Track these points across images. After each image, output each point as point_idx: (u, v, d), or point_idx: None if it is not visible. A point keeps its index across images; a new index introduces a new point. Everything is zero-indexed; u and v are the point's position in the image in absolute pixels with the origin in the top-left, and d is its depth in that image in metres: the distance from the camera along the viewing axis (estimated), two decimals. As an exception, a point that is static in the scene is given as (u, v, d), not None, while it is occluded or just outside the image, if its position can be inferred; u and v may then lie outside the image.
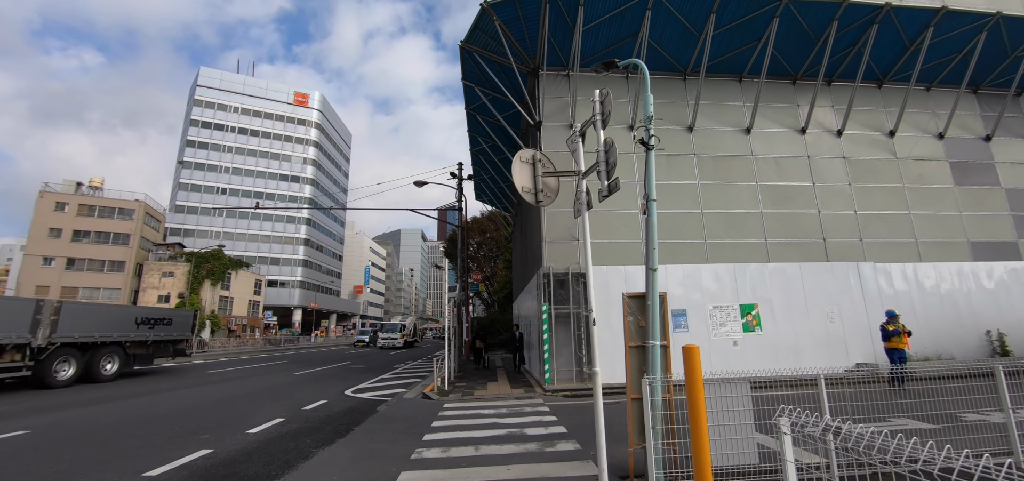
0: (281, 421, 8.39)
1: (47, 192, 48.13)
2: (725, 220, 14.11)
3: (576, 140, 4.92)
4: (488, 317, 41.73)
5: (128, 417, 8.71)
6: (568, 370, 12.76)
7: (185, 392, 12.20)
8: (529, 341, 15.01)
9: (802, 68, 15.52)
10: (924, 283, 14.47)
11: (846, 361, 13.41)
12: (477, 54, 14.54)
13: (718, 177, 14.48)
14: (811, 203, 14.73)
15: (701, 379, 3.33)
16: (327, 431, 7.59)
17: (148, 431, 7.54)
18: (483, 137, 20.05)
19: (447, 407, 9.78)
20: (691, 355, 3.42)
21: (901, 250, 14.77)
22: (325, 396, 11.50)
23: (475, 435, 7.09)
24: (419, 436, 7.10)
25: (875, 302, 13.97)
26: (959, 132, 16.31)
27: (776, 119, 15.42)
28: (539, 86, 14.43)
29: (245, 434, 7.37)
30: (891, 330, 10.81)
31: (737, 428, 4.42)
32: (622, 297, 4.88)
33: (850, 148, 15.54)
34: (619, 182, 4.40)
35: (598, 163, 4.50)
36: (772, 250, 14.09)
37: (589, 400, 10.50)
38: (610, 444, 6.11)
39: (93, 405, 10.04)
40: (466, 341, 22.18)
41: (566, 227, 13.50)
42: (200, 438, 7.09)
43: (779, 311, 13.44)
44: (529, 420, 8.20)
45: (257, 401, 10.67)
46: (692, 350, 3.44)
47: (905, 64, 15.71)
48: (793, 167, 15.01)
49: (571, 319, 12.92)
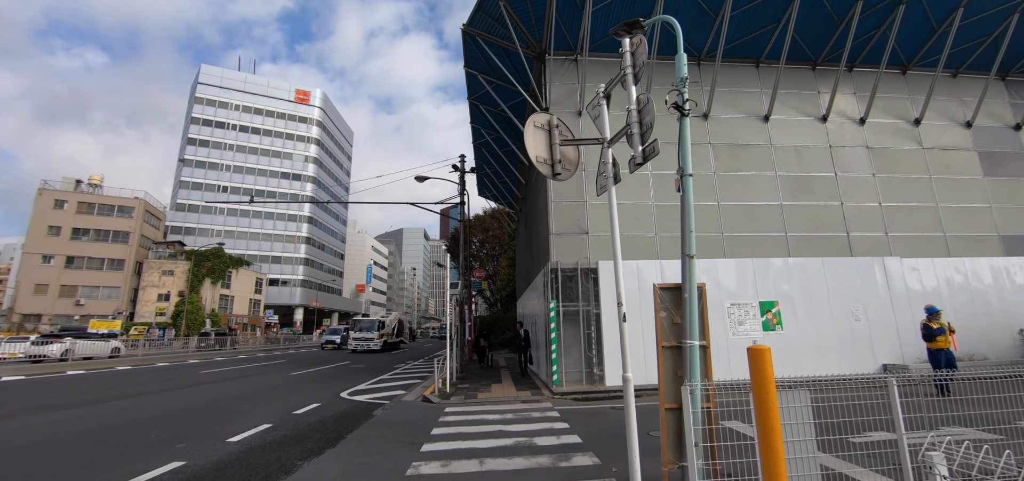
0: (268, 427, 7.69)
1: (46, 190, 47.69)
2: (743, 212, 13.33)
3: (599, 103, 4.18)
4: (491, 316, 41.06)
5: (104, 423, 8.02)
6: (577, 371, 12.02)
7: (174, 393, 11.53)
8: (536, 340, 14.22)
9: (823, 53, 14.72)
10: (954, 279, 13.64)
11: (872, 362, 12.63)
12: (480, 38, 13.81)
13: (735, 167, 13.70)
14: (833, 194, 13.93)
15: (774, 388, 2.60)
16: (316, 440, 6.88)
17: (120, 438, 6.85)
18: (486, 129, 19.31)
19: (449, 412, 9.06)
20: (760, 358, 2.69)
21: (928, 244, 13.95)
22: (319, 399, 10.80)
23: (479, 446, 6.36)
24: (417, 446, 6.39)
25: (902, 299, 13.17)
26: (987, 121, 15.47)
27: (795, 106, 14.62)
28: (546, 71, 13.68)
29: (225, 443, 6.67)
30: (934, 329, 9.66)
31: (795, 445, 3.68)
32: (653, 290, 4.14)
33: (873, 137, 14.72)
34: (658, 146, 3.65)
35: (629, 126, 3.76)
36: (793, 244, 13.31)
37: (601, 404, 9.76)
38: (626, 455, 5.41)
39: (72, 407, 9.38)
40: (469, 340, 21.47)
41: (574, 219, 12.75)
42: (175, 448, 6.39)
43: (801, 309, 12.66)
44: (538, 427, 7.47)
45: (246, 404, 9.98)
46: (761, 352, 2.72)
47: (932, 49, 14.88)
48: (814, 157, 14.21)
49: (580, 317, 12.18)
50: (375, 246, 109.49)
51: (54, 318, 44.49)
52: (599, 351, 11.89)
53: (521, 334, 14.05)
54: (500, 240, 43.91)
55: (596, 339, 12.00)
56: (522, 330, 14.07)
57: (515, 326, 26.28)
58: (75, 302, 46.04)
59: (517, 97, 15.97)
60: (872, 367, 12.58)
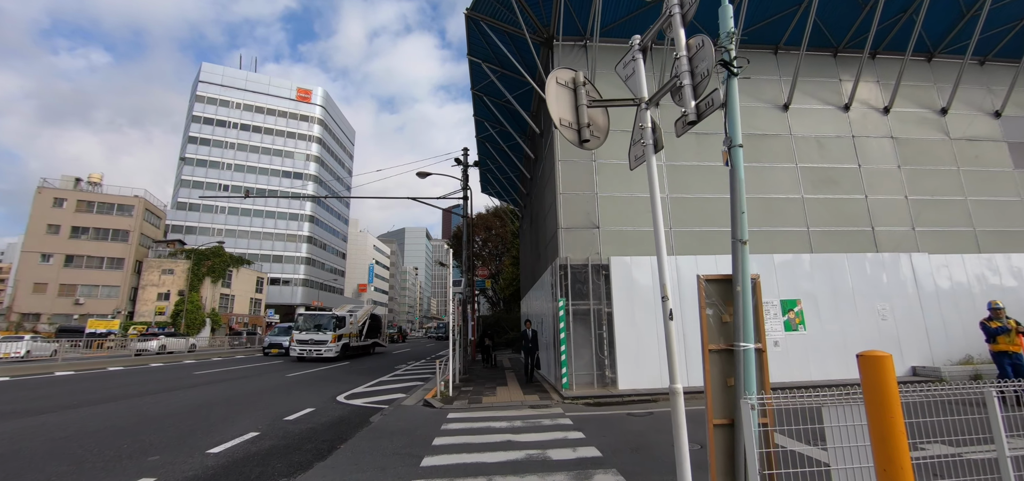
0: (254, 436, 7.03)
1: (45, 188, 47.25)
2: (762, 206, 12.61)
3: (634, 58, 3.50)
4: (494, 316, 40.40)
5: (78, 430, 7.39)
6: (587, 374, 11.33)
7: (161, 397, 10.89)
8: (544, 341, 13.45)
9: (845, 38, 13.98)
10: (986, 277, 12.90)
11: (900, 365, 11.89)
12: (485, 23, 13.14)
13: (753, 158, 12.97)
14: (857, 187, 13.20)
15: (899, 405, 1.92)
16: (305, 451, 6.22)
17: (87, 450, 6.20)
18: (490, 121, 18.64)
19: (452, 418, 8.39)
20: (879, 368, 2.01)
21: (957, 240, 13.21)
22: (314, 403, 10.14)
23: (487, 460, 5.68)
24: (416, 460, 5.71)
25: (931, 298, 12.44)
26: (1018, 110, 14.69)
27: (816, 94, 13.89)
28: (553, 58, 13.00)
29: (205, 454, 6.02)
30: (995, 328, 8.24)
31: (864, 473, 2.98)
32: (698, 282, 3.46)
33: (898, 127, 13.97)
34: (721, 95, 2.97)
35: (677, 77, 3.07)
36: (815, 239, 12.58)
37: (615, 410, 9.08)
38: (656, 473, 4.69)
39: (46, 413, 8.75)
40: (472, 340, 20.81)
41: (585, 213, 12.06)
42: (147, 460, 5.74)
43: (824, 308, 11.93)
44: (550, 437, 6.79)
45: (235, 408, 9.33)
46: (879, 359, 2.04)
47: (959, 34, 14.14)
48: (836, 147, 13.48)
49: (591, 316, 11.48)
50: (377, 245, 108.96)
51: (53, 317, 44.05)
52: (611, 353, 11.20)
53: (529, 334, 13.01)
54: (503, 239, 43.25)
55: (608, 340, 11.31)
56: (530, 330, 13.05)
57: (518, 326, 25.54)
58: (74, 301, 45.59)
59: (523, 87, 15.30)
60: (901, 370, 11.85)
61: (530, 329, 12.99)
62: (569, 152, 12.37)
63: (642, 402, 9.78)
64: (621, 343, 11.08)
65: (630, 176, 12.46)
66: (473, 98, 17.67)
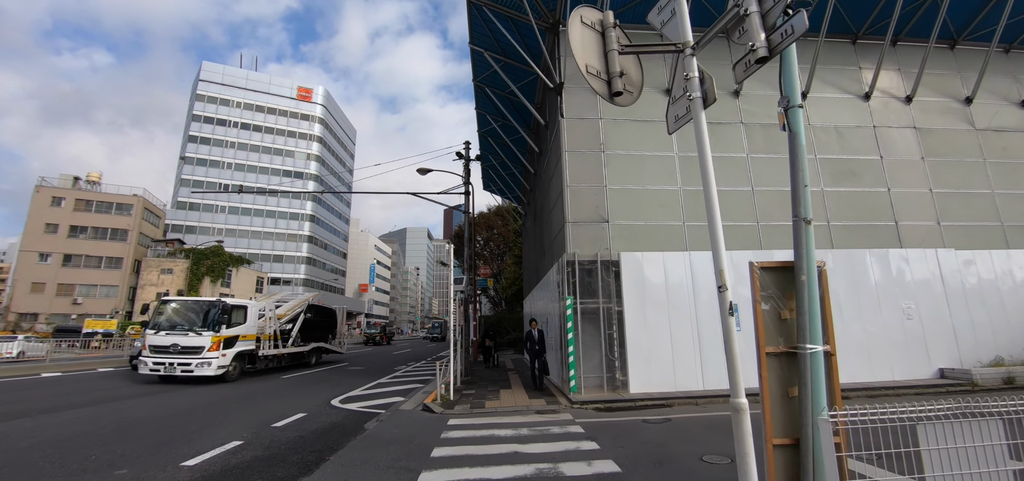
0: (236, 445, 6.43)
1: (43, 186, 46.84)
2: (780, 199, 11.97)
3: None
4: (495, 315, 39.78)
5: (49, 437, 6.80)
6: (597, 377, 10.70)
7: (147, 400, 10.29)
8: (548, 342, 12.74)
9: (865, 24, 13.34)
10: (1015, 274, 12.23)
11: (927, 367, 11.26)
12: (488, 9, 12.53)
13: (770, 149, 12.35)
14: (879, 180, 12.55)
15: None
16: (290, 464, 5.62)
17: (49, 460, 5.61)
18: (493, 114, 18.03)
19: (453, 425, 7.78)
20: None
21: (985, 235, 12.55)
22: (305, 407, 9.54)
23: (492, 476, 5.06)
24: (413, 475, 5.10)
25: (958, 296, 11.79)
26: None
27: (835, 83, 13.24)
28: (560, 44, 12.37)
29: (178, 467, 5.42)
30: None
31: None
32: (751, 270, 2.85)
33: (921, 117, 13.32)
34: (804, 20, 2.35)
35: (739, 5, 2.45)
36: (836, 234, 11.94)
37: (627, 415, 8.45)
38: None
39: (20, 417, 8.16)
40: (473, 340, 20.20)
41: (593, 206, 11.43)
42: (113, 474, 5.15)
43: (846, 307, 11.28)
44: (561, 448, 6.17)
45: (219, 414, 8.73)
46: None
47: (984, 21, 13.48)
48: (857, 138, 12.83)
49: (600, 315, 10.85)
50: (378, 245, 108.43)
51: (51, 317, 43.59)
52: (622, 354, 10.57)
53: (534, 335, 11.94)
54: (505, 237, 42.62)
55: (618, 341, 10.68)
56: (536, 330, 12.09)
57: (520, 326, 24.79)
58: (72, 301, 45.15)
59: (527, 76, 14.69)
60: (928, 372, 11.21)
61: (536, 329, 12.04)
62: (577, 143, 11.75)
63: (656, 407, 9.16)
64: (632, 344, 10.45)
65: (642, 168, 11.84)
66: (475, 90, 17.07)
